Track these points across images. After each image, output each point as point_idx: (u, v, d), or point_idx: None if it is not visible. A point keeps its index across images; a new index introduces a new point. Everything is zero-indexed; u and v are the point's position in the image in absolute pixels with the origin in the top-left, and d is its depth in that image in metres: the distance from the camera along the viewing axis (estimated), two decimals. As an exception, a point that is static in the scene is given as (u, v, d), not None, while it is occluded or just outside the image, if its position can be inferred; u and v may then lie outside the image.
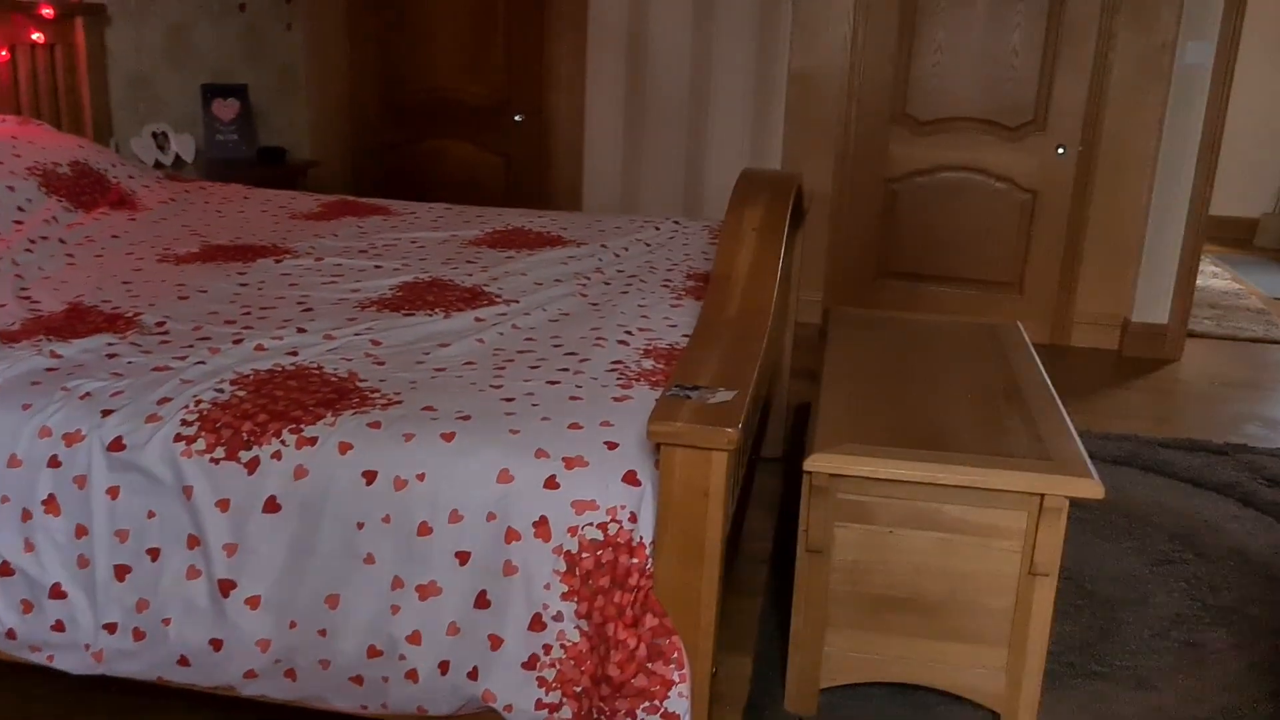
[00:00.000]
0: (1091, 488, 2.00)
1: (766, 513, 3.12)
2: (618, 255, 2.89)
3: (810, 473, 2.04)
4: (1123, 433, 3.91)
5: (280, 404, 1.73)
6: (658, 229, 3.22)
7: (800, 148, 4.98)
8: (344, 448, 1.64)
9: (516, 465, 1.60)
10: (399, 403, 1.75)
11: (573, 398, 1.80)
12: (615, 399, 1.80)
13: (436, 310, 2.27)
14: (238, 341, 2.02)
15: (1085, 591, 2.79)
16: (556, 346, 2.09)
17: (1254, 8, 6.66)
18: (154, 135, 4.12)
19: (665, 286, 2.58)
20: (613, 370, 1.96)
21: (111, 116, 4.02)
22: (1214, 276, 6.38)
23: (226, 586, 1.65)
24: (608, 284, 2.59)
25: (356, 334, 2.09)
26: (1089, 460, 2.09)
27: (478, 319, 2.24)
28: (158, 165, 4.09)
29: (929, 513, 2.09)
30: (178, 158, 4.24)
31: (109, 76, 4.00)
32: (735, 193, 2.19)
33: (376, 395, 1.78)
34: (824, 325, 2.99)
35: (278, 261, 2.65)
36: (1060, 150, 4.81)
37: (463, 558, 1.60)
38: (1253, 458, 3.71)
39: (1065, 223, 4.89)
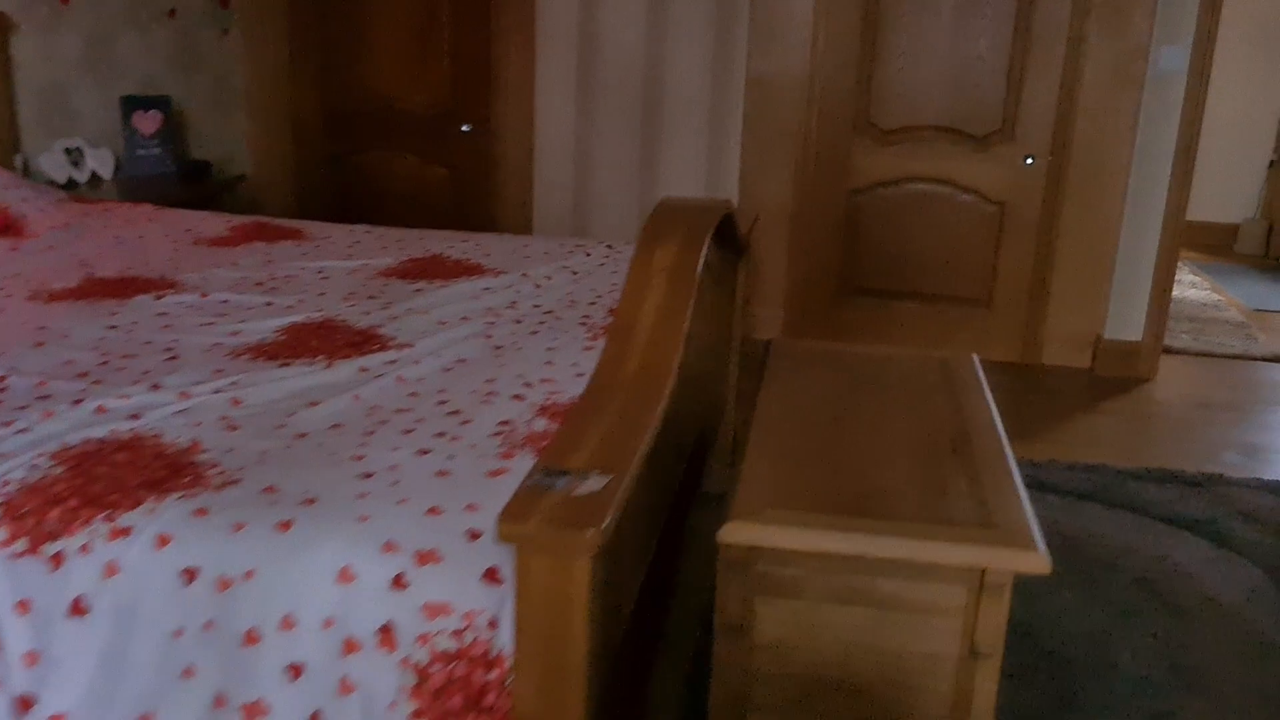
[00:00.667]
0: (1036, 562, 1.78)
1: (711, 556, 2.90)
2: (538, 286, 2.67)
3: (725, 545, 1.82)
4: (1091, 462, 3.70)
5: (99, 485, 1.50)
6: (588, 254, 3.00)
7: (759, 157, 4.76)
8: (162, 540, 1.41)
9: (360, 561, 1.38)
10: (237, 482, 1.52)
11: (440, 472, 1.57)
12: (490, 473, 1.57)
13: (319, 358, 2.04)
14: (78, 402, 1.79)
15: (1043, 651, 2.57)
16: (441, 403, 1.86)
17: (1230, 10, 6.47)
18: (67, 151, 3.87)
19: (583, 325, 2.36)
20: (497, 434, 1.73)
21: (19, 132, 3.78)
22: (1192, 287, 6.19)
23: (25, 703, 1.42)
24: (518, 322, 2.36)
25: (217, 390, 1.86)
26: (1036, 528, 1.87)
27: (362, 369, 2.02)
28: (70, 184, 3.85)
29: (860, 587, 1.87)
30: (94, 175, 3.99)
31: (16, 89, 3.75)
32: (646, 228, 1.97)
33: (214, 472, 1.55)
34: (763, 359, 2.77)
35: (158, 298, 2.41)
36: (1029, 160, 4.60)
37: (295, 671, 1.37)
38: (1228, 490, 3.50)
39: (1035, 236, 4.69)
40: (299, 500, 1.47)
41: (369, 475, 1.55)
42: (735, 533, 1.82)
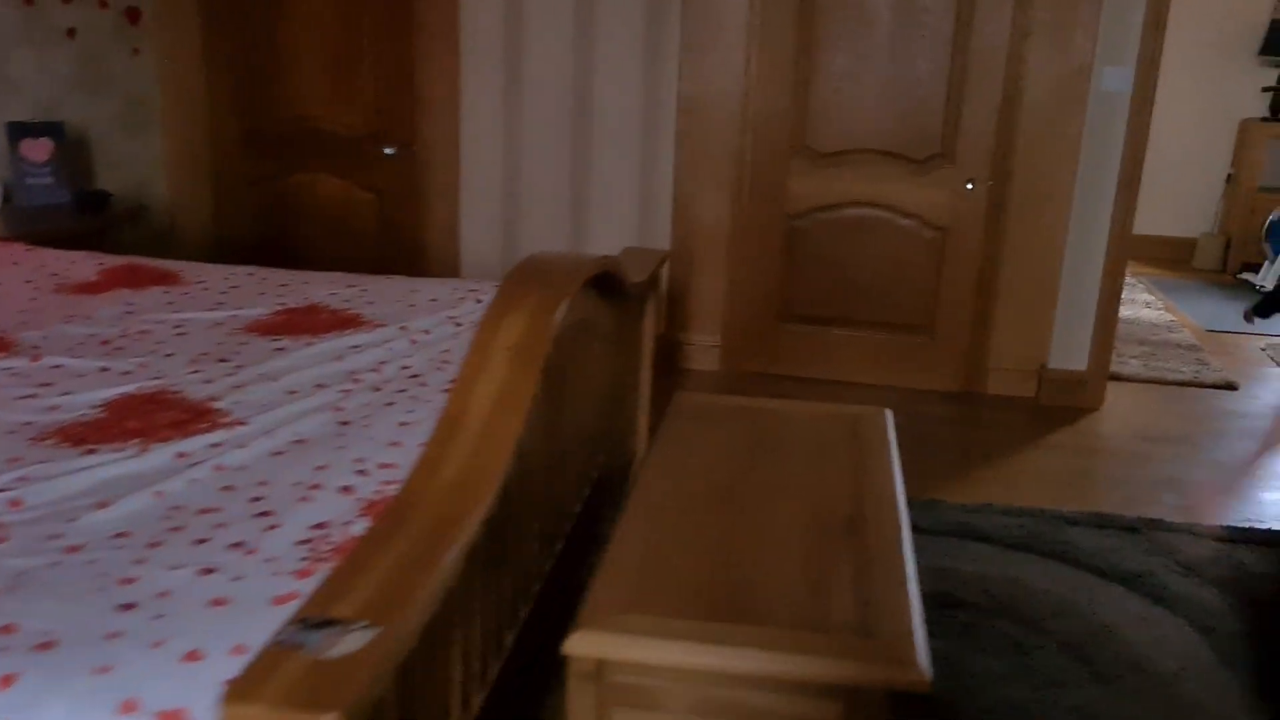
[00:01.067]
0: (915, 678, 1.60)
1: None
2: (414, 342, 2.47)
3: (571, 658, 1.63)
4: (1027, 506, 3.53)
5: None
6: (479, 300, 2.80)
7: (693, 180, 4.58)
8: None
9: (92, 725, 1.18)
10: (-26, 618, 1.32)
11: (217, 600, 1.37)
12: (276, 599, 1.37)
13: (132, 442, 1.84)
14: None
15: (956, 733, 2.40)
16: (255, 500, 1.66)
17: (1184, 23, 6.34)
18: (-55, 182, 3.66)
19: (448, 392, 2.15)
20: (305, 541, 1.53)
21: (-108, 163, 3.56)
22: (1146, 306, 6.04)
23: None
24: (377, 390, 2.16)
25: (1, 489, 1.65)
26: (920, 636, 1.69)
27: (180, 454, 1.81)
28: (-51, 217, 3.63)
29: (727, 701, 1.69)
30: (-21, 206, 3.78)
31: (-113, 118, 3.53)
32: (497, 294, 1.78)
33: (-46, 603, 1.35)
34: (658, 421, 2.58)
35: (-17, 363, 2.21)
36: (970, 184, 4.43)
37: None
38: (1167, 537, 3.34)
39: (977, 262, 4.52)
40: (35, 644, 1.27)
41: (129, 606, 1.35)
42: (582, 644, 1.63)
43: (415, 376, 2.24)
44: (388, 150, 4.76)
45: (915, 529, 3.35)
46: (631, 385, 2.93)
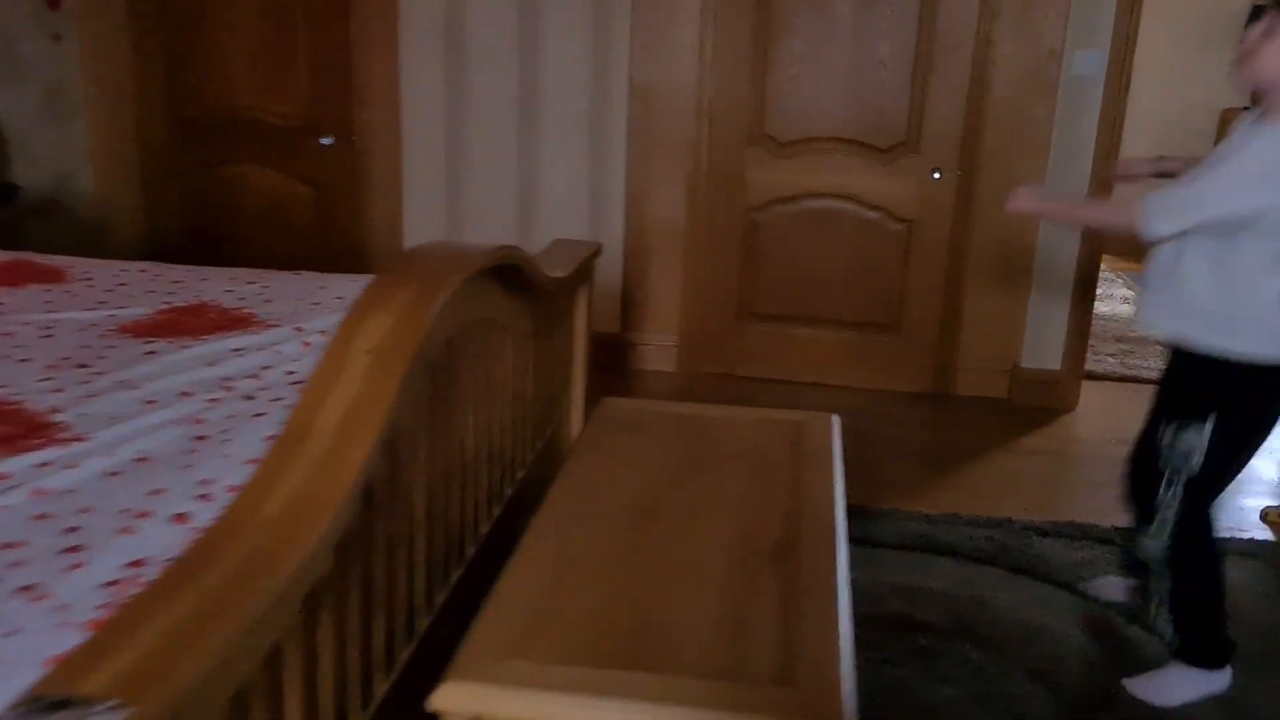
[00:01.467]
0: (838, 736, 1.36)
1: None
2: (308, 344, 2.22)
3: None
4: (996, 516, 3.30)
5: None
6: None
7: (646, 171, 4.34)
8: None
9: None
10: None
11: (-23, 663, 1.13)
12: (50, 659, 1.13)
13: (-55, 462, 1.59)
14: None
15: (906, 777, 2.16)
16: (70, 530, 1.41)
17: (1165, 7, 6.14)
18: None
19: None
20: (113, 583, 1.29)
21: None
22: (1124, 302, 5.83)
23: None
24: (250, 398, 1.91)
25: None
26: (849, 682, 1.45)
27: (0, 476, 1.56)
28: None
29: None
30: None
31: None
32: (365, 289, 1.53)
33: None
34: (583, 428, 2.35)
35: None
36: (937, 174, 4.21)
37: None
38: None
39: (945, 256, 4.30)
40: None
41: None
42: (453, 698, 1.39)
43: (299, 384, 1.99)
44: (324, 140, 4.51)
45: (876, 543, 3.13)
46: (562, 389, 2.69)
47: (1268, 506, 3.41)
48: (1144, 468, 2.39)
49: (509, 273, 2.02)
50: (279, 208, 4.68)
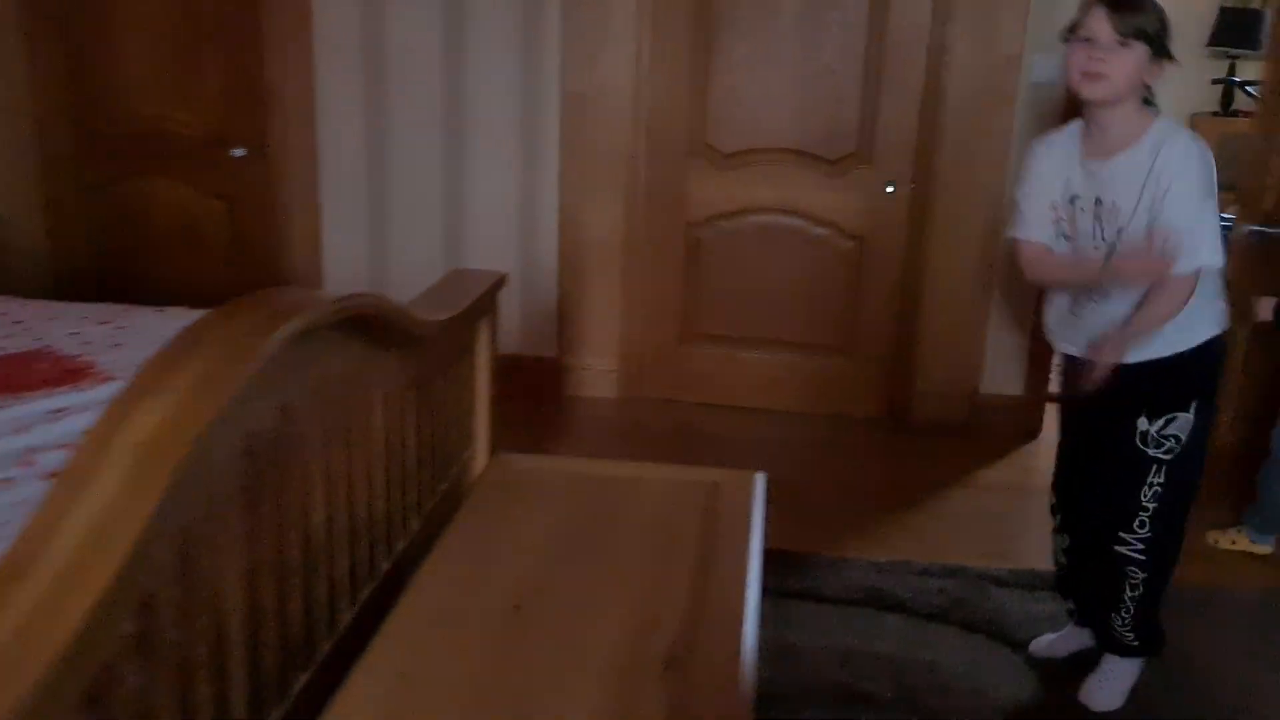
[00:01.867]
0: None
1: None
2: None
3: None
4: (950, 563, 3.04)
5: None
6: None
7: (581, 185, 4.06)
8: None
9: None
10: None
11: None
12: None
13: None
14: None
15: None
16: None
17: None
18: None
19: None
20: None
21: None
22: (1090, 317, 5.58)
23: None
24: (51, 476, 1.62)
25: None
26: None
27: None
28: None
29: None
30: None
31: None
32: (141, 367, 1.24)
33: None
34: (469, 494, 2.06)
35: None
36: (890, 187, 3.95)
37: None
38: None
39: (900, 274, 4.04)
40: None
41: None
42: None
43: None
44: (236, 152, 4.19)
45: (819, 597, 2.85)
46: (461, 439, 2.40)
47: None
48: (1075, 484, 2.46)
49: (372, 322, 1.73)
50: (191, 225, 4.37)
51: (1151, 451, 2.24)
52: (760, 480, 2.08)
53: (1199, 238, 2.08)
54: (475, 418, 2.43)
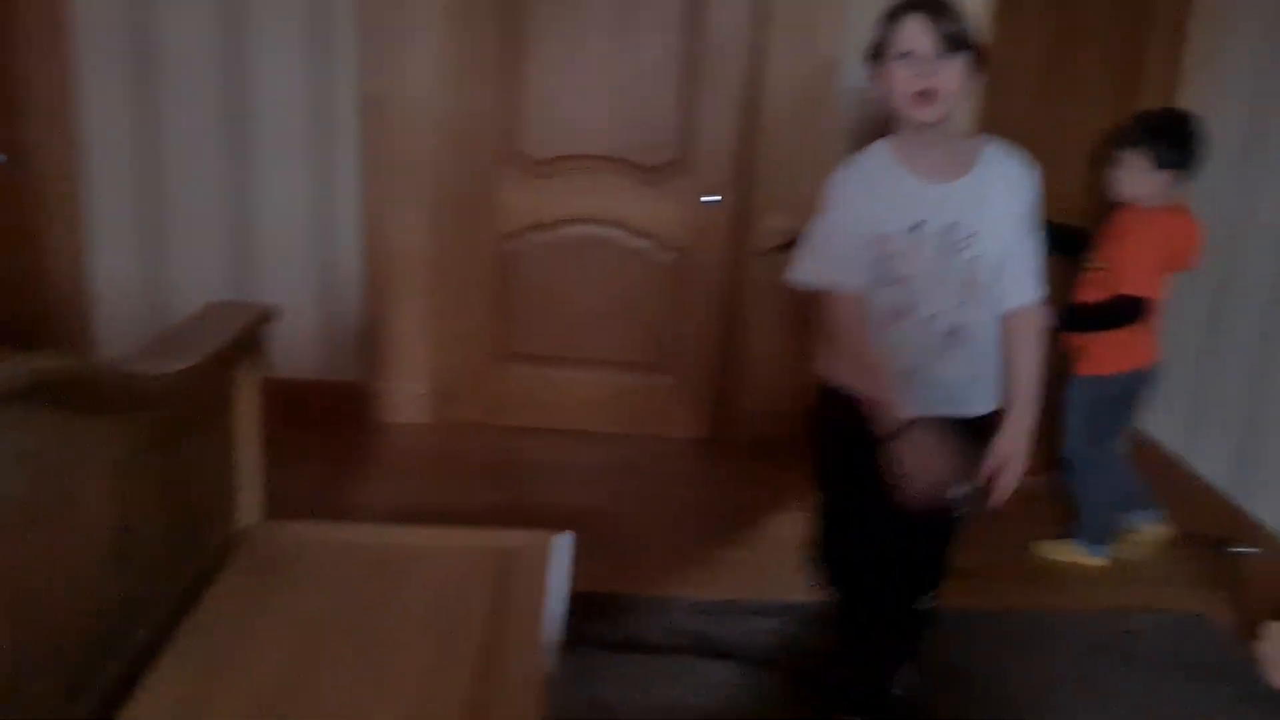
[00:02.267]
0: None
1: None
2: None
3: None
4: (784, 599, 2.87)
5: None
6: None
7: (383, 196, 3.74)
8: None
9: None
10: None
11: None
12: None
13: None
14: None
15: None
16: None
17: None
18: None
19: None
20: None
21: None
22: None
23: None
24: None
25: None
26: None
27: None
28: None
29: None
30: None
31: None
32: None
33: None
34: (214, 580, 1.74)
35: None
36: (711, 197, 3.76)
37: None
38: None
39: (723, 288, 3.86)
40: None
41: None
42: None
43: None
44: (-19, 160, 3.70)
45: (637, 646, 2.63)
46: (222, 503, 2.07)
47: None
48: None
49: (71, 387, 1.41)
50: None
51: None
52: (564, 543, 1.83)
53: (1037, 261, 2.01)
54: (239, 478, 2.10)
